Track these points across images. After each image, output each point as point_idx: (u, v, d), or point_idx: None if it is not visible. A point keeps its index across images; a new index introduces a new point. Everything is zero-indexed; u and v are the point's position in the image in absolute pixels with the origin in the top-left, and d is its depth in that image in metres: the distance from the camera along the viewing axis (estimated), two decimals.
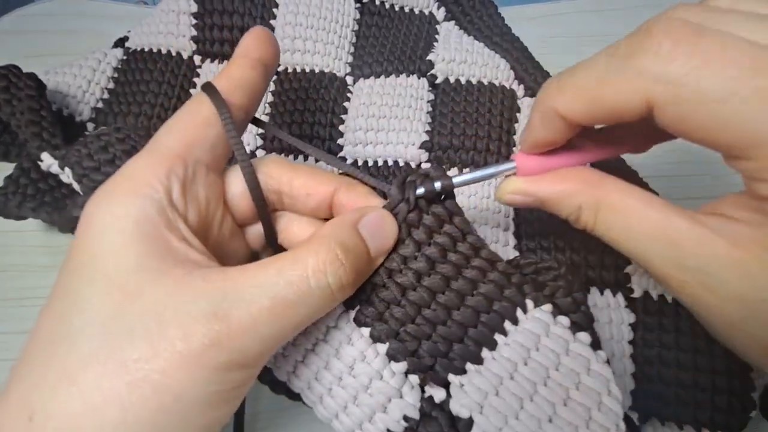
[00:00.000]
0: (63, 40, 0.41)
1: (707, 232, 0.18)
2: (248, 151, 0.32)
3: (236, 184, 0.22)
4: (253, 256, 0.24)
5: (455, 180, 0.22)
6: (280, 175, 0.22)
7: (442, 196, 0.22)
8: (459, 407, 0.19)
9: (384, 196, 0.23)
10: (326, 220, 0.23)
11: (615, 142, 0.22)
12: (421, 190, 0.21)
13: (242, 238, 0.23)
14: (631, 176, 0.32)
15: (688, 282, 0.19)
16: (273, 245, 0.23)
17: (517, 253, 0.30)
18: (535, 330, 0.20)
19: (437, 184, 0.21)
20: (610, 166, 0.31)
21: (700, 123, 0.17)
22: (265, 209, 0.22)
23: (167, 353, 0.16)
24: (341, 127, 0.34)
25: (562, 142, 0.21)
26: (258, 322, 0.17)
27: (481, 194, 0.31)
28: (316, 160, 0.33)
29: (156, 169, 0.19)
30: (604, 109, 0.18)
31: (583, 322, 0.21)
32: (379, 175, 0.32)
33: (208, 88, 0.21)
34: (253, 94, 0.22)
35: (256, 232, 0.23)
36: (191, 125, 0.20)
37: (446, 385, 0.20)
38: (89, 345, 0.16)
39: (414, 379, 0.20)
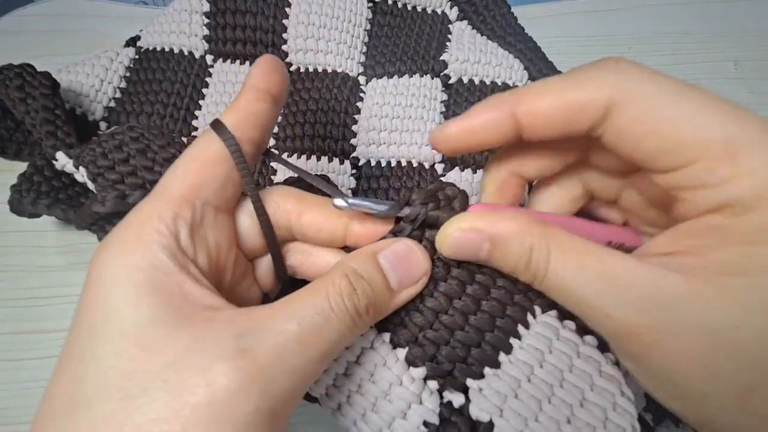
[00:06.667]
0: (63, 40, 0.41)
1: (660, 269, 0.17)
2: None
3: (246, 218, 0.21)
4: (264, 298, 0.23)
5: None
6: (289, 210, 0.21)
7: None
8: (479, 411, 0.19)
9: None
10: (346, 249, 0.22)
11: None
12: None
13: (252, 275, 0.23)
14: None
15: (653, 324, 0.16)
16: (283, 281, 0.23)
17: None
18: (546, 333, 0.21)
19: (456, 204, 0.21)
20: None
21: (651, 126, 0.17)
22: (276, 246, 0.22)
23: (188, 409, 0.15)
24: (354, 127, 0.34)
25: (513, 198, 0.22)
26: (286, 351, 0.16)
27: None
28: (341, 161, 0.33)
29: (162, 214, 0.18)
30: (568, 108, 0.18)
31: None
32: (392, 176, 0.32)
33: (216, 125, 0.20)
34: (262, 127, 0.21)
35: (266, 265, 0.23)
36: (198, 165, 0.19)
37: (465, 390, 0.20)
38: (104, 409, 0.15)
39: (433, 384, 0.20)
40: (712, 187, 0.16)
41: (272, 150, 0.23)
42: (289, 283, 0.23)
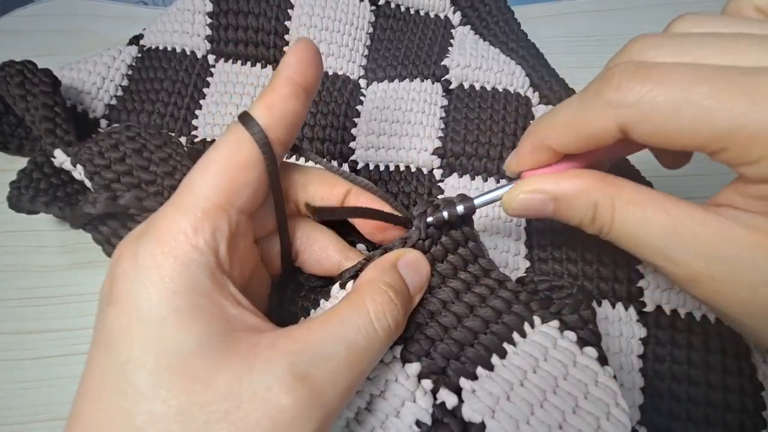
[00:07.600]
0: (63, 40, 0.41)
1: (726, 220, 0.18)
2: None
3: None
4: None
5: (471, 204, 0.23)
6: (296, 181, 0.22)
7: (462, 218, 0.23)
8: (471, 412, 0.19)
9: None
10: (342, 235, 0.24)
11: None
12: (444, 214, 0.22)
13: (260, 260, 0.23)
14: (634, 176, 0.31)
15: (716, 273, 0.18)
16: (288, 266, 0.23)
17: (528, 263, 0.30)
18: (543, 342, 0.21)
19: (459, 208, 0.22)
20: (615, 166, 0.31)
21: (668, 133, 0.18)
22: (287, 238, 0.22)
23: None
24: (353, 131, 0.34)
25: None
26: (337, 375, 0.16)
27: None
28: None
29: (199, 228, 0.17)
30: (587, 138, 0.20)
31: (589, 338, 0.21)
32: (390, 181, 0.32)
33: (249, 123, 0.19)
34: (293, 127, 0.20)
35: (272, 248, 0.23)
36: (232, 169, 0.18)
37: (458, 391, 0.20)
38: None
39: (427, 384, 0.20)
40: (756, 163, 0.17)
41: (297, 144, 0.22)
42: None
